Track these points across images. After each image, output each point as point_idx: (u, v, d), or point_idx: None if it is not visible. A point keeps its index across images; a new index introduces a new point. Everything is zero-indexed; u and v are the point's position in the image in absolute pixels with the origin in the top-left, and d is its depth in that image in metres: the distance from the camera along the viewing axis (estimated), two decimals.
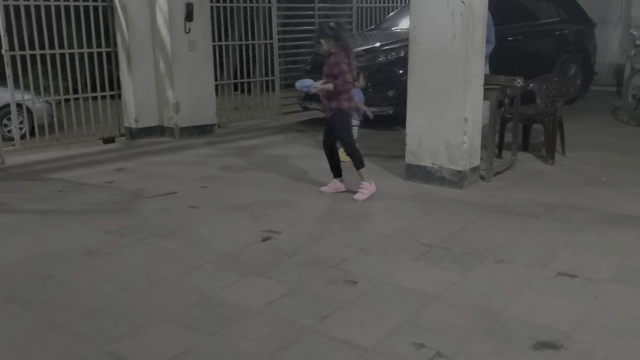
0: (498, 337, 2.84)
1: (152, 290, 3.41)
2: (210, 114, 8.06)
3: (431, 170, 5.37)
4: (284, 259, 3.79)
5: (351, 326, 2.97)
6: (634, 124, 7.91)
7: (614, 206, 4.70)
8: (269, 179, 5.71)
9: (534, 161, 6.17)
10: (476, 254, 3.85)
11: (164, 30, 7.53)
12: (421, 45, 5.22)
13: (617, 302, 3.17)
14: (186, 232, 4.32)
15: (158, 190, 5.39)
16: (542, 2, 9.75)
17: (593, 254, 3.80)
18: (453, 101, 5.12)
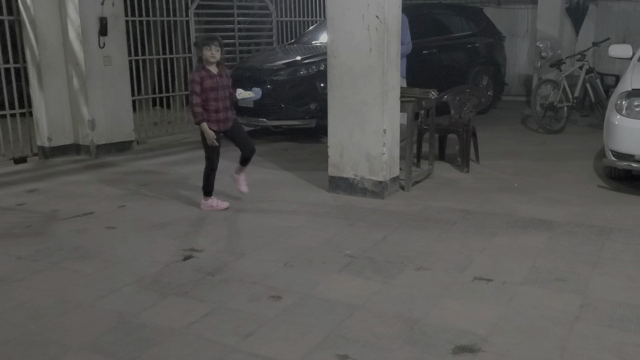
0: (419, 344, 2.91)
1: (67, 317, 3.27)
2: (128, 130, 7.85)
3: (353, 181, 5.44)
4: (206, 278, 3.73)
5: (275, 342, 2.95)
6: (542, 132, 8.34)
7: (525, 211, 4.93)
8: (190, 196, 5.61)
9: (450, 170, 6.38)
10: (397, 262, 3.93)
11: (76, 45, 7.28)
12: (339, 59, 5.31)
13: (529, 304, 3.32)
14: (103, 254, 4.17)
15: (73, 211, 5.18)
16: (455, 16, 10.15)
17: (507, 258, 3.97)
18: (372, 114, 5.23)
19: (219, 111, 4.89)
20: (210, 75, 4.83)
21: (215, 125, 4.90)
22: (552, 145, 7.55)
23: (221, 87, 4.88)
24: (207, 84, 4.80)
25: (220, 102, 4.87)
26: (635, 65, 5.84)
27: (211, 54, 4.78)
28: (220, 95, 4.87)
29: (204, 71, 4.82)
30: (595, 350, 2.83)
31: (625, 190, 5.45)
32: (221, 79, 4.90)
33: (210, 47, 4.77)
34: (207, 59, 4.81)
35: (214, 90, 4.83)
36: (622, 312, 3.18)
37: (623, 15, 11.06)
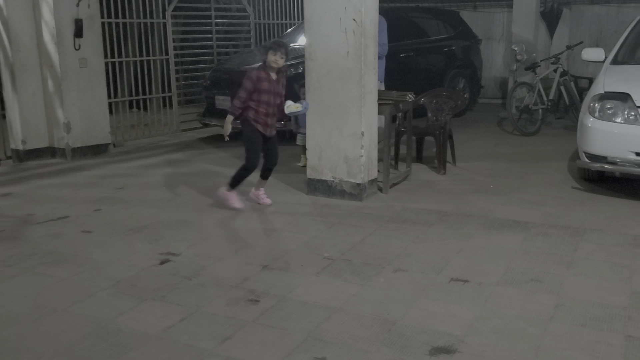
0: (396, 346, 2.92)
1: (41, 323, 3.22)
2: (104, 133, 7.77)
3: (332, 184, 5.46)
4: (183, 282, 3.71)
5: (253, 346, 2.95)
6: (518, 134, 8.45)
7: (500, 212, 4.98)
8: (167, 199, 5.58)
9: (427, 172, 6.43)
10: (375, 264, 3.95)
11: (51, 47, 7.19)
12: (317, 62, 5.32)
13: (505, 304, 3.35)
14: (79, 259, 4.12)
15: (48, 215, 5.11)
16: (432, 19, 10.23)
17: (483, 259, 4.01)
18: (350, 116, 5.25)
19: (268, 115, 4.93)
20: (268, 79, 4.85)
21: (262, 127, 4.94)
22: (527, 147, 7.64)
23: (274, 92, 4.90)
24: (263, 86, 4.83)
25: (270, 107, 4.90)
26: (607, 69, 5.94)
27: (275, 59, 4.81)
28: (272, 101, 4.89)
29: (263, 72, 4.85)
30: (569, 349, 2.87)
31: (599, 192, 5.55)
32: (277, 85, 4.93)
33: (276, 53, 4.80)
34: (269, 63, 4.83)
35: (267, 94, 4.86)
36: (596, 312, 3.23)
37: (596, 19, 11.26)
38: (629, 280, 3.64)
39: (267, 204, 5.29)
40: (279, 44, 4.88)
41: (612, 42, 7.22)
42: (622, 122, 5.19)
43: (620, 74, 5.74)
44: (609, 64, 6.06)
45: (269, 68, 4.87)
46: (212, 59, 10.14)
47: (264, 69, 4.88)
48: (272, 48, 4.83)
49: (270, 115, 4.95)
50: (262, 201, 5.30)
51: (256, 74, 4.85)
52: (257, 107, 4.88)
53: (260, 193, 5.32)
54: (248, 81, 4.83)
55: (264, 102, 4.87)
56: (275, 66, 4.85)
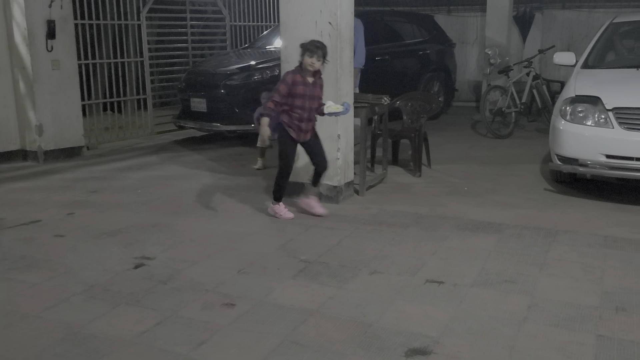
0: (372, 348, 2.93)
1: (12, 329, 3.16)
2: (78, 136, 7.66)
3: (308, 186, 5.44)
4: (158, 286, 3.67)
5: (229, 350, 2.93)
6: (491, 137, 8.55)
7: (475, 214, 5.04)
8: (142, 202, 5.52)
9: (403, 174, 6.47)
10: (351, 266, 3.96)
11: (23, 49, 7.08)
12: (293, 65, 5.30)
13: (479, 305, 3.39)
14: (51, 263, 4.06)
15: (19, 220, 5.02)
16: (406, 23, 10.30)
17: (457, 260, 4.05)
18: (326, 119, 5.24)
19: (302, 120, 4.70)
20: (304, 82, 4.63)
21: (295, 133, 4.73)
22: (501, 150, 7.74)
23: (310, 96, 4.66)
24: (298, 90, 4.61)
25: (306, 111, 4.67)
26: (578, 72, 6.05)
27: (311, 62, 4.57)
28: (307, 105, 4.66)
29: (299, 75, 4.63)
30: (542, 349, 2.91)
31: (570, 193, 5.64)
32: (314, 88, 4.70)
33: (312, 55, 4.55)
34: (306, 66, 4.60)
35: (302, 98, 4.63)
36: (568, 312, 3.29)
37: (567, 24, 11.46)
38: (599, 280, 3.70)
39: (320, 213, 4.96)
40: (317, 46, 4.58)
41: (582, 47, 7.36)
42: (593, 125, 5.29)
43: (590, 78, 5.85)
44: (580, 68, 6.18)
45: (305, 71, 4.63)
46: (188, 61, 10.07)
47: (299, 72, 4.63)
48: (308, 50, 4.56)
49: (305, 120, 4.70)
50: (314, 210, 4.99)
51: (291, 77, 4.62)
52: (291, 112, 4.66)
53: (312, 201, 5.04)
54: (283, 84, 4.61)
55: (298, 106, 4.64)
56: (311, 69, 4.61)
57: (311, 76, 4.66)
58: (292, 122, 4.70)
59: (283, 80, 4.66)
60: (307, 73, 4.63)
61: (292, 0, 5.23)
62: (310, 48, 4.56)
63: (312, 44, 4.59)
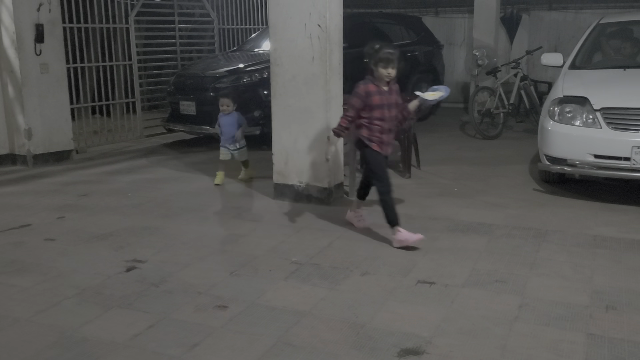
0: (365, 349, 2.95)
1: (3, 333, 3.14)
2: (67, 139, 7.63)
3: (298, 188, 5.47)
4: (150, 289, 3.67)
5: (222, 352, 2.93)
6: (480, 138, 8.60)
7: (465, 215, 5.07)
8: (132, 205, 5.50)
9: (392, 176, 6.40)
10: (343, 267, 3.97)
11: (11, 52, 7.04)
12: (282, 67, 5.33)
13: (471, 305, 3.41)
14: (42, 267, 4.04)
15: (9, 224, 4.99)
16: (395, 25, 10.35)
17: (448, 261, 4.07)
18: (316, 121, 5.27)
19: (384, 132, 4.32)
20: (379, 91, 4.26)
21: (377, 146, 4.34)
22: (490, 151, 7.79)
23: (388, 105, 4.29)
24: (374, 100, 4.24)
25: (386, 122, 4.31)
26: (566, 73, 6.11)
27: (387, 73, 4.22)
28: (386, 115, 4.29)
29: (372, 85, 4.26)
30: (533, 348, 2.94)
31: (559, 193, 5.69)
32: (390, 95, 4.33)
33: (387, 66, 4.20)
34: (380, 77, 4.25)
35: (380, 109, 4.26)
36: (558, 311, 3.32)
37: (554, 25, 11.56)
38: (589, 279, 3.74)
39: (365, 226, 4.67)
40: (391, 57, 4.21)
41: (569, 47, 7.42)
42: (581, 125, 5.34)
43: (578, 79, 5.90)
44: (567, 68, 6.23)
45: (378, 80, 4.28)
46: (176, 64, 10.06)
47: (372, 81, 4.28)
48: (382, 61, 4.20)
49: (386, 131, 4.33)
50: (360, 223, 4.71)
51: (364, 88, 4.26)
52: (370, 125, 4.29)
53: (359, 214, 4.75)
54: (355, 98, 4.27)
55: (376, 118, 4.27)
56: (387, 80, 4.27)
57: (385, 84, 4.30)
58: (372, 136, 4.32)
59: (355, 93, 4.28)
60: (381, 81, 4.28)
61: (281, 3, 5.24)
62: (385, 59, 4.20)
63: (386, 55, 4.20)
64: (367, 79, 4.31)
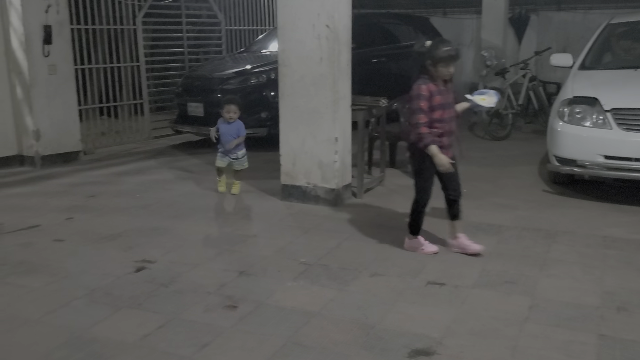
0: (376, 349, 2.93)
1: (13, 333, 3.15)
2: (75, 141, 7.65)
3: (306, 189, 5.46)
4: (160, 289, 3.67)
5: (232, 352, 2.93)
6: (489, 139, 8.57)
7: (474, 216, 5.04)
8: (141, 206, 5.51)
9: (401, 177, 6.47)
10: (352, 268, 3.96)
11: (20, 54, 7.07)
12: (290, 68, 5.33)
13: (481, 306, 3.40)
14: (51, 268, 4.05)
15: (18, 225, 5.01)
16: (403, 25, 10.33)
17: (458, 262, 4.05)
18: (324, 122, 5.26)
19: (444, 134, 4.01)
20: (439, 91, 3.95)
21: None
22: (498, 152, 7.76)
23: (448, 104, 4.01)
24: (436, 100, 3.93)
25: (446, 123, 4.00)
26: (575, 74, 6.08)
27: (448, 72, 3.94)
28: (446, 115, 3.99)
29: (432, 85, 3.94)
30: (544, 349, 2.92)
31: (569, 195, 5.66)
32: (449, 95, 4.03)
33: (448, 64, 3.89)
34: (441, 75, 3.94)
35: (441, 109, 3.96)
36: (569, 312, 3.30)
37: (563, 26, 11.51)
38: (599, 280, 3.72)
39: (476, 250, 4.16)
40: (454, 54, 3.91)
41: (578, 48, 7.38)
42: (591, 126, 5.31)
43: (588, 79, 5.87)
44: (577, 69, 6.20)
45: (437, 79, 3.96)
46: (183, 66, 10.07)
47: (430, 81, 3.95)
48: (443, 60, 3.88)
49: (447, 133, 4.01)
50: (468, 249, 4.18)
51: (426, 88, 3.92)
52: (430, 127, 3.97)
53: (461, 240, 4.23)
54: (422, 100, 3.91)
55: (437, 119, 3.97)
56: (447, 78, 3.98)
57: (443, 83, 4.01)
58: (433, 140, 3.99)
59: (419, 95, 3.93)
60: (438, 80, 3.97)
61: (289, 4, 5.24)
62: (447, 58, 3.89)
63: (448, 54, 3.89)
64: (423, 78, 3.97)
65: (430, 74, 3.95)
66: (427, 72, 3.95)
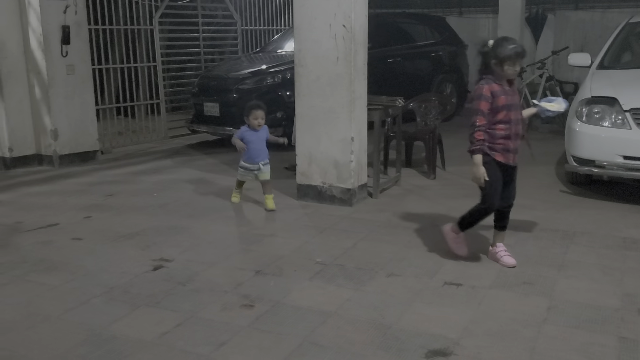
0: (392, 349, 2.93)
1: (34, 330, 3.19)
2: (92, 140, 7.72)
3: (322, 189, 5.46)
4: (177, 288, 3.69)
5: (249, 351, 2.94)
6: None
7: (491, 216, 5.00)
8: (158, 205, 5.55)
9: (417, 176, 6.46)
10: (368, 268, 3.95)
11: (38, 54, 7.15)
12: (306, 68, 5.33)
13: (498, 307, 3.38)
14: (70, 266, 4.09)
15: (37, 223, 5.06)
16: (419, 25, 10.31)
17: (475, 263, 4.03)
18: (340, 122, 5.26)
19: (510, 138, 3.78)
20: (504, 91, 3.73)
21: (501, 156, 3.82)
22: None
23: (514, 105, 3.78)
24: (500, 101, 3.70)
25: (512, 126, 3.76)
26: (594, 74, 6.02)
27: (514, 71, 3.73)
28: (512, 117, 3.75)
29: (496, 85, 3.72)
30: (563, 351, 2.90)
31: (587, 195, 5.61)
32: (514, 95, 3.81)
33: (515, 63, 3.68)
34: (507, 75, 3.72)
35: (506, 110, 3.73)
36: (588, 314, 3.27)
37: (581, 25, 11.41)
38: (619, 282, 3.68)
39: (509, 264, 3.93)
40: (520, 52, 3.69)
41: (596, 47, 7.32)
42: (610, 126, 5.26)
43: (606, 79, 5.81)
44: (596, 68, 6.15)
45: (502, 79, 3.75)
46: (199, 66, 10.12)
47: (493, 81, 3.73)
48: (509, 59, 3.65)
49: (512, 136, 3.79)
50: (501, 261, 3.97)
51: (488, 88, 3.70)
52: (494, 131, 3.76)
53: (498, 250, 4.03)
54: (483, 101, 3.69)
55: (502, 121, 3.73)
56: (512, 77, 3.79)
57: (507, 83, 3.80)
58: (495, 143, 3.78)
59: (479, 96, 3.71)
60: (503, 80, 3.76)
61: (306, 4, 5.25)
62: (513, 56, 3.66)
63: (514, 51, 3.66)
64: (486, 78, 3.76)
65: (495, 74, 3.73)
66: (491, 72, 3.74)
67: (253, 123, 5.23)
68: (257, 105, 5.28)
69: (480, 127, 3.73)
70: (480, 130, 3.74)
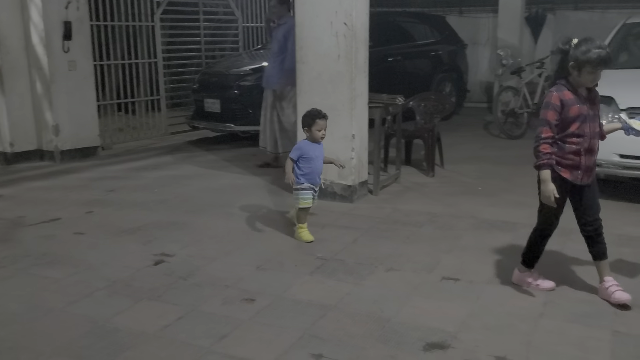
0: (391, 342, 2.98)
1: (38, 322, 3.24)
2: (93, 136, 7.76)
3: (323, 186, 5.48)
4: (179, 282, 3.74)
5: (250, 343, 2.99)
6: (504, 137, 8.56)
7: (489, 213, 5.07)
8: (159, 201, 5.59)
9: (416, 174, 6.51)
10: (368, 264, 4.00)
11: (40, 50, 7.18)
12: (308, 65, 5.37)
13: (496, 301, 3.43)
14: (73, 260, 4.14)
15: (40, 217, 5.11)
16: (418, 24, 10.35)
17: (473, 258, 4.08)
18: (341, 119, 5.30)
19: (582, 154, 3.29)
20: (578, 99, 3.25)
21: (569, 173, 3.32)
22: (514, 150, 7.75)
23: (591, 117, 3.29)
24: (573, 111, 3.23)
25: (586, 140, 3.28)
26: None
27: (593, 78, 3.24)
28: (587, 130, 3.28)
29: (568, 92, 3.26)
30: (559, 345, 2.95)
31: None
32: (593, 106, 3.33)
33: (595, 69, 3.18)
34: (584, 82, 3.25)
35: (580, 121, 3.25)
36: (584, 308, 3.32)
37: (580, 25, 11.43)
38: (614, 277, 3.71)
39: (622, 300, 3.32)
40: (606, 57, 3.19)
41: None
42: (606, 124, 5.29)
43: (604, 78, 5.74)
44: None
45: (577, 85, 3.28)
46: (200, 62, 10.16)
47: (567, 87, 3.28)
48: (591, 63, 3.16)
49: (586, 152, 3.30)
50: (611, 298, 3.36)
51: (557, 96, 3.25)
52: (564, 144, 3.30)
53: (608, 285, 3.42)
54: (550, 111, 3.25)
55: (573, 134, 3.27)
56: (592, 84, 3.28)
57: (584, 89, 3.30)
58: (565, 159, 3.31)
59: (547, 104, 3.27)
60: (580, 87, 3.29)
61: (308, 2, 5.28)
62: (596, 61, 3.16)
63: (598, 55, 3.16)
64: (559, 84, 3.31)
65: (571, 79, 3.27)
66: (567, 77, 3.29)
67: (316, 135, 4.32)
68: (320, 114, 4.34)
69: (545, 140, 3.27)
70: (547, 143, 3.28)
